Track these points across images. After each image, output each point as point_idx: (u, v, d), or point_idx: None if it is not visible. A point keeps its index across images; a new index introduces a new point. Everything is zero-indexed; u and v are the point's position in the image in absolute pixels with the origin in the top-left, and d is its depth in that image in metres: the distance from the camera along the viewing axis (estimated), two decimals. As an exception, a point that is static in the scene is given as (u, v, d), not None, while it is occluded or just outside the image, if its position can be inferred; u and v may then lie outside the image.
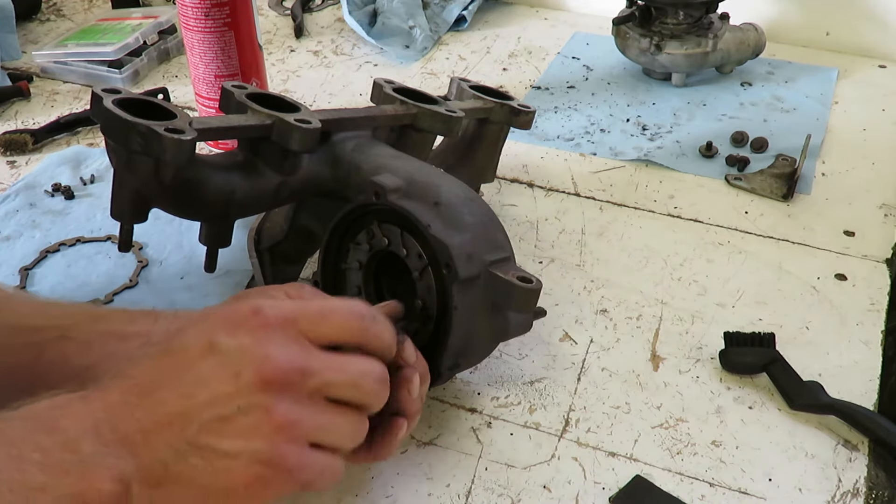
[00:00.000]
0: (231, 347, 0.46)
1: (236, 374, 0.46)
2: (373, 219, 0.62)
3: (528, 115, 0.84)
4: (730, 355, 0.69)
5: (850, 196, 0.90)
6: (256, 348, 0.46)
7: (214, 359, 0.46)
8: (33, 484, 0.42)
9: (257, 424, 0.45)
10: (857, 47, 1.18)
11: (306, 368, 0.47)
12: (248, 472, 0.46)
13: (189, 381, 0.46)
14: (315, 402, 0.48)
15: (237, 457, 0.45)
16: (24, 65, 1.16)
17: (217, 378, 0.46)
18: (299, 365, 0.47)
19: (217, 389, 0.46)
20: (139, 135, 0.56)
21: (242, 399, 0.45)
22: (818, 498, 0.60)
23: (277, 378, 0.46)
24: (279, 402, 0.46)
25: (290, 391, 0.46)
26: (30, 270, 0.80)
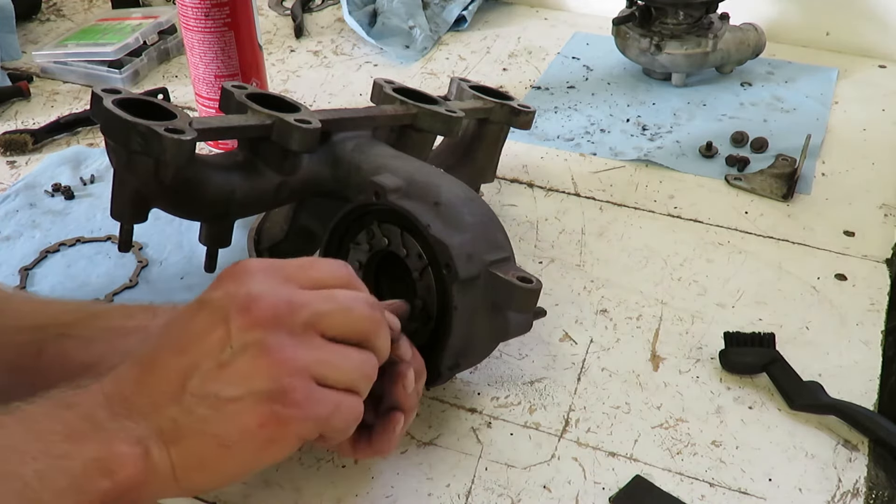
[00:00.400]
0: (218, 296, 0.47)
1: (225, 317, 0.46)
2: (373, 219, 0.62)
3: (528, 115, 0.84)
4: (730, 355, 0.69)
5: (850, 196, 0.90)
6: (241, 290, 0.47)
7: (204, 311, 0.47)
8: (58, 452, 0.43)
9: (255, 363, 0.45)
10: (857, 47, 1.18)
11: (293, 301, 0.47)
12: (257, 412, 0.45)
13: (184, 337, 0.47)
14: (310, 336, 0.47)
15: (242, 399, 0.45)
16: (24, 65, 1.16)
17: (208, 326, 0.46)
18: (286, 298, 0.47)
19: (210, 337, 0.46)
20: (139, 135, 0.56)
21: (235, 340, 0.46)
22: (818, 498, 0.60)
23: (265, 314, 0.46)
24: (272, 336, 0.46)
25: (281, 326, 0.46)
26: (30, 270, 0.80)
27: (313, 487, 0.60)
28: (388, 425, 0.55)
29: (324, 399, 0.47)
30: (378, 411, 0.56)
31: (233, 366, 0.46)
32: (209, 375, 0.46)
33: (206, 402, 0.46)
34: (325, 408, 0.47)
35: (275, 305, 0.46)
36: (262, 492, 0.59)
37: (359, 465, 0.61)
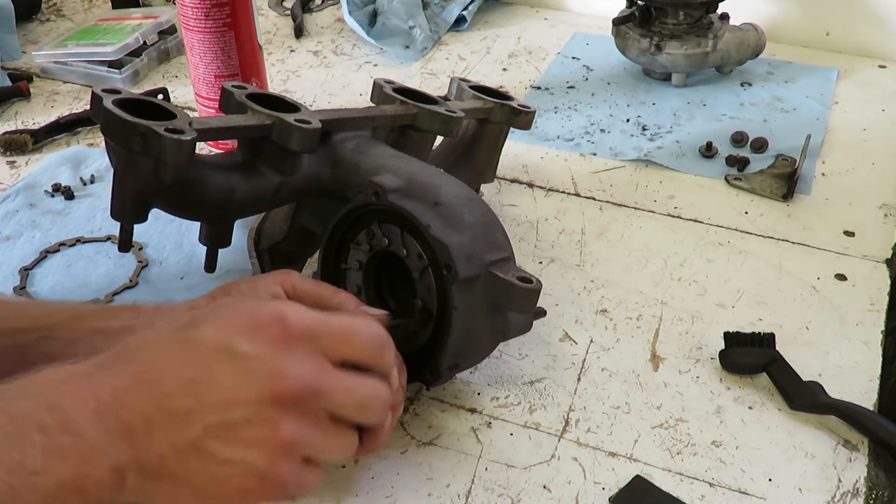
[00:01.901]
0: (249, 354, 0.46)
1: (250, 383, 0.46)
2: (373, 219, 0.62)
3: (528, 115, 0.84)
4: (730, 355, 0.69)
5: (850, 196, 0.90)
6: (274, 362, 0.46)
7: (230, 363, 0.46)
8: (33, 467, 0.42)
9: (262, 438, 0.46)
10: (857, 47, 1.18)
11: (320, 389, 0.47)
12: (243, 482, 0.46)
13: (200, 381, 0.46)
14: (319, 420, 0.48)
15: (235, 465, 0.46)
16: (24, 65, 1.16)
17: (230, 383, 0.46)
18: (313, 385, 0.47)
19: (228, 395, 0.45)
20: (139, 135, 0.56)
21: (251, 409, 0.45)
22: (818, 498, 0.60)
23: (290, 395, 0.46)
24: (286, 419, 0.46)
25: (298, 409, 0.47)
26: (30, 270, 0.80)
27: (313, 487, 0.60)
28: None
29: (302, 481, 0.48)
30: None
31: (240, 432, 0.46)
32: (214, 431, 0.45)
33: (199, 454, 0.45)
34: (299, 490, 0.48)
35: (301, 391, 0.46)
36: (262, 492, 0.59)
37: (359, 464, 0.61)
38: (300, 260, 0.75)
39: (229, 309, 0.49)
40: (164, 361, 0.47)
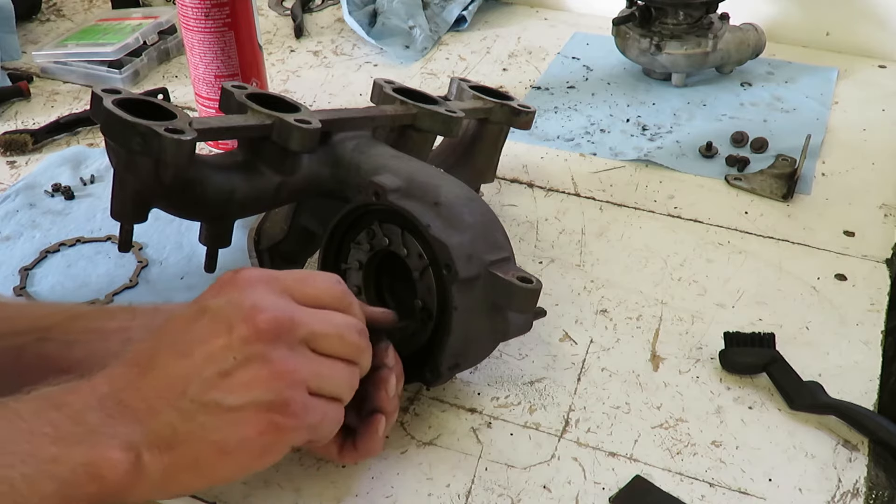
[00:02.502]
0: (220, 304, 0.48)
1: (228, 326, 0.47)
2: (373, 218, 0.62)
3: (528, 115, 0.84)
4: (730, 355, 0.69)
5: (850, 196, 0.90)
6: (244, 300, 0.48)
7: (205, 317, 0.48)
8: (46, 456, 0.43)
9: (257, 374, 0.47)
10: (857, 47, 1.18)
11: (294, 318, 0.49)
12: (258, 421, 0.47)
13: (185, 342, 0.47)
14: (304, 350, 0.49)
15: (244, 408, 0.47)
16: (24, 65, 1.16)
17: (211, 334, 0.47)
18: (288, 315, 0.48)
19: (212, 345, 0.47)
20: (139, 135, 0.56)
21: (238, 351, 0.47)
22: (818, 498, 0.60)
23: (269, 327, 0.47)
24: (274, 350, 0.47)
25: (282, 340, 0.48)
26: (30, 270, 0.80)
27: (313, 487, 0.60)
28: (370, 427, 0.57)
29: (316, 408, 0.49)
30: (361, 414, 0.57)
31: (235, 375, 0.47)
32: (211, 383, 0.46)
33: (206, 409, 0.46)
34: (316, 416, 0.49)
35: (278, 319, 0.48)
36: (261, 491, 0.59)
37: (359, 464, 0.61)
38: (300, 260, 0.75)
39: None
40: (150, 345, 0.49)
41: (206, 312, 0.48)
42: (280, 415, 0.47)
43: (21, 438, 0.43)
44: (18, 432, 0.43)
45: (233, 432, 0.47)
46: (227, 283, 0.50)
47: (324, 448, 0.57)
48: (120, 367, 0.48)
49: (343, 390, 0.52)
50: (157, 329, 0.50)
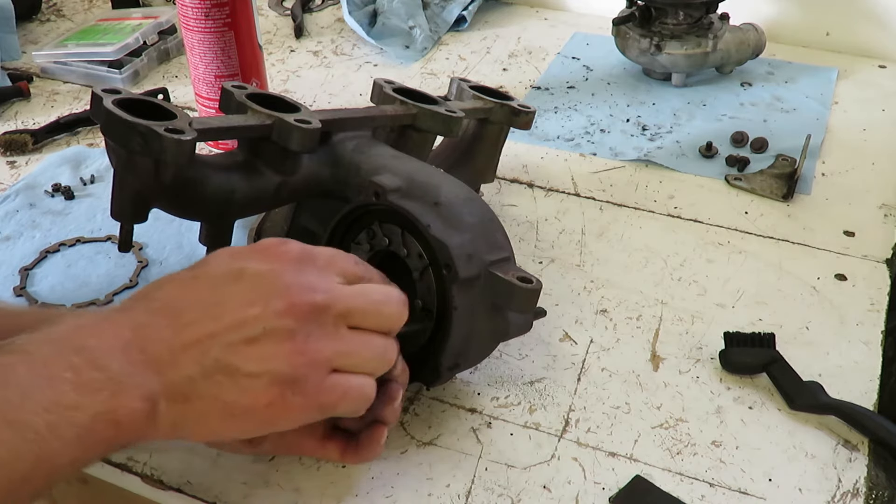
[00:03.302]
0: (259, 272, 0.49)
1: (265, 298, 0.48)
2: (373, 219, 0.62)
3: (528, 115, 0.84)
4: (730, 355, 0.69)
5: (850, 196, 0.90)
6: (284, 275, 0.49)
7: (243, 283, 0.49)
8: (67, 403, 0.43)
9: (279, 347, 0.48)
10: (857, 47, 1.18)
11: (331, 296, 0.50)
12: (268, 392, 0.48)
13: (217, 303, 0.48)
14: (337, 328, 0.50)
15: (259, 376, 0.48)
16: (24, 65, 1.16)
17: (246, 301, 0.48)
18: (324, 293, 0.49)
19: (246, 313, 0.48)
20: (139, 135, 0.56)
21: (269, 322, 0.48)
22: (818, 498, 0.60)
23: (304, 305, 0.48)
24: (303, 328, 0.48)
25: (314, 318, 0.49)
26: (30, 270, 0.80)
27: (313, 487, 0.60)
28: (372, 437, 0.57)
29: (333, 389, 0.50)
30: (364, 419, 0.57)
31: (259, 344, 0.48)
32: (235, 348, 0.47)
33: (225, 370, 0.47)
34: (330, 397, 0.50)
35: (313, 300, 0.49)
36: (262, 491, 0.59)
37: (358, 465, 0.61)
38: (300, 260, 0.75)
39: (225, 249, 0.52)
40: (179, 294, 0.49)
41: (244, 276, 0.49)
42: (291, 391, 0.48)
43: (43, 385, 0.43)
44: (40, 378, 0.44)
45: (242, 398, 0.48)
46: (270, 252, 0.50)
47: (325, 450, 0.58)
48: (146, 315, 0.48)
49: (374, 366, 0.52)
50: (188, 278, 0.50)
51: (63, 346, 0.46)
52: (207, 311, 0.48)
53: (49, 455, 0.43)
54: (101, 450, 0.46)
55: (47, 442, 0.43)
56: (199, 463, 0.61)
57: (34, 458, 0.42)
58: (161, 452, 0.62)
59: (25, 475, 0.42)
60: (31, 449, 0.42)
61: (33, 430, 0.42)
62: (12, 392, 0.43)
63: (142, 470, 0.61)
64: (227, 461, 0.61)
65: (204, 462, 0.61)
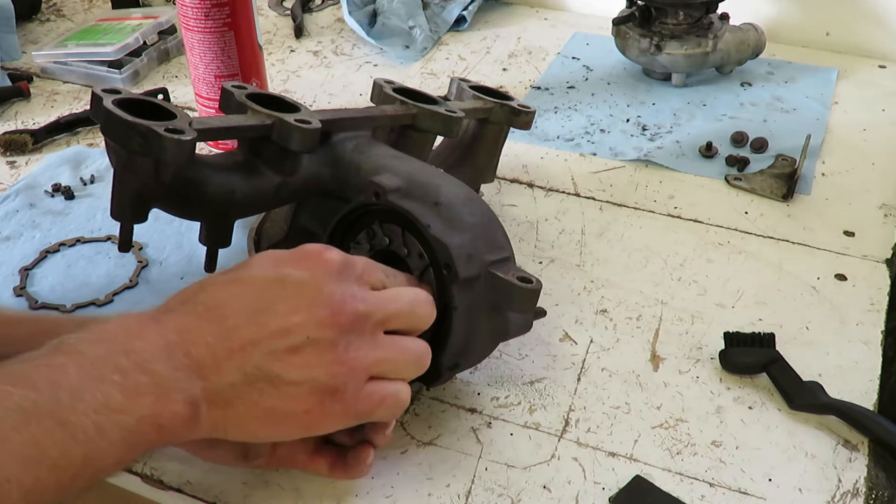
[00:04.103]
0: (301, 280, 0.50)
1: (308, 306, 0.49)
2: (373, 219, 0.62)
3: (528, 115, 0.84)
4: (730, 355, 0.69)
5: (850, 196, 0.90)
6: (327, 285, 0.50)
7: (286, 290, 0.50)
8: (115, 405, 0.45)
9: (322, 357, 0.49)
10: (857, 47, 1.18)
11: (370, 306, 0.51)
12: (308, 400, 0.50)
13: (260, 310, 0.49)
14: (375, 336, 0.51)
15: (300, 385, 0.49)
16: (24, 65, 1.16)
17: (289, 309, 0.49)
18: (364, 304, 0.51)
19: (288, 320, 0.49)
20: (139, 135, 0.56)
21: (311, 331, 0.49)
22: (818, 498, 0.60)
23: (346, 316, 0.50)
24: (344, 337, 0.50)
25: (355, 329, 0.50)
26: (30, 270, 0.80)
27: (313, 487, 0.60)
28: (359, 456, 0.58)
29: (370, 397, 0.52)
30: (355, 436, 0.58)
31: (301, 353, 0.49)
32: (278, 356, 0.49)
33: (267, 377, 0.49)
34: (368, 405, 0.52)
35: (355, 310, 0.50)
36: (261, 492, 0.59)
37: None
38: (300, 260, 0.75)
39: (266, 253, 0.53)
40: (223, 298, 0.50)
41: (287, 283, 0.50)
42: (330, 399, 0.50)
43: (93, 387, 0.45)
44: (90, 380, 0.45)
45: (283, 404, 0.49)
46: (312, 259, 0.51)
47: (314, 464, 0.59)
48: (192, 318, 0.49)
49: (410, 371, 0.54)
50: (234, 282, 0.51)
51: (112, 347, 0.47)
52: (251, 318, 0.49)
53: (96, 455, 0.44)
54: (145, 450, 0.47)
55: (95, 442, 0.44)
56: (199, 463, 0.61)
57: (83, 458, 0.44)
58: (161, 453, 0.62)
59: (75, 474, 0.44)
60: (80, 449, 0.44)
61: (83, 431, 0.44)
62: (64, 393, 0.44)
63: (142, 470, 0.61)
64: (227, 461, 0.61)
65: (204, 462, 0.61)
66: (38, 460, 0.43)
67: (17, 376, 0.45)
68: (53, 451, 0.43)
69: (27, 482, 0.42)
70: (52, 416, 0.43)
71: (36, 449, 0.43)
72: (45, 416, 0.43)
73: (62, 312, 0.75)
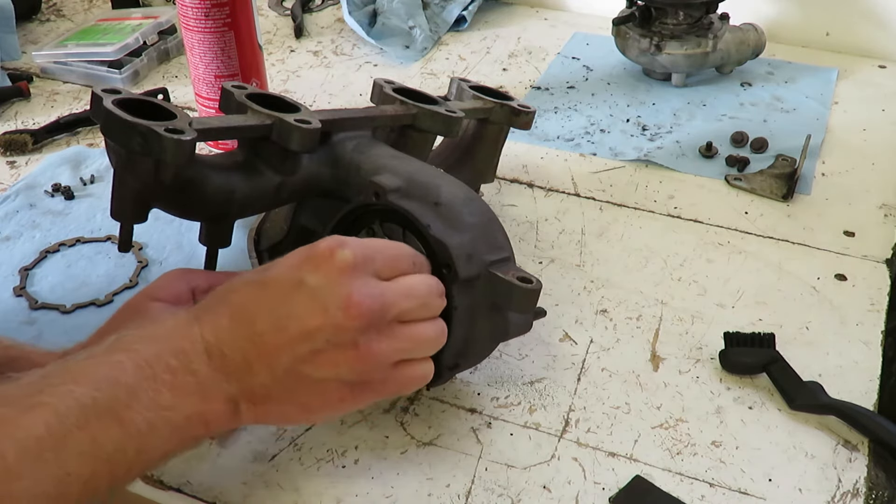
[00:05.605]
0: (319, 284, 0.51)
1: (324, 309, 0.51)
2: (373, 218, 0.62)
3: (528, 115, 0.84)
4: (730, 355, 0.69)
5: (850, 196, 0.90)
6: (342, 287, 0.51)
7: (303, 293, 0.51)
8: (165, 403, 0.49)
9: (345, 356, 0.51)
10: (857, 47, 1.18)
11: (386, 302, 0.53)
12: (339, 391, 0.53)
13: (282, 315, 0.51)
14: (392, 328, 0.53)
15: (329, 381, 0.52)
16: (24, 65, 1.16)
17: (307, 313, 0.51)
18: (380, 301, 0.52)
19: (308, 324, 0.51)
20: (139, 135, 0.55)
21: (331, 334, 0.51)
22: (818, 498, 0.60)
23: (362, 316, 0.51)
24: (362, 335, 0.51)
25: (372, 326, 0.52)
26: (30, 271, 0.80)
27: (313, 487, 0.60)
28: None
29: (395, 380, 0.54)
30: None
31: (325, 354, 0.51)
32: (303, 358, 0.51)
33: (296, 377, 0.51)
34: (395, 387, 0.55)
35: (371, 308, 0.52)
36: (262, 492, 0.60)
37: (359, 465, 0.61)
38: (300, 260, 0.75)
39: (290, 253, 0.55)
40: (251, 300, 0.53)
41: (304, 288, 0.51)
42: (360, 389, 0.53)
43: (146, 385, 0.48)
44: (144, 378, 0.48)
45: (316, 398, 0.53)
46: (326, 262, 0.52)
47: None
48: (224, 320, 0.52)
49: (429, 350, 0.56)
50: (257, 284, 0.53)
51: (163, 347, 0.50)
52: (275, 322, 0.51)
53: (147, 449, 0.48)
54: (191, 444, 0.52)
55: (146, 438, 0.48)
56: (199, 463, 0.61)
57: (135, 452, 0.48)
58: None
59: (129, 467, 0.48)
60: (133, 444, 0.48)
61: (136, 427, 0.47)
62: (122, 391, 0.48)
63: (142, 470, 0.61)
64: (226, 461, 0.61)
65: (204, 462, 0.61)
66: (96, 454, 0.46)
67: (80, 374, 0.48)
68: (109, 447, 0.47)
69: (85, 474, 0.46)
70: (110, 414, 0.47)
71: (94, 444, 0.46)
72: (104, 414, 0.47)
73: (62, 312, 0.75)
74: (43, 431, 0.45)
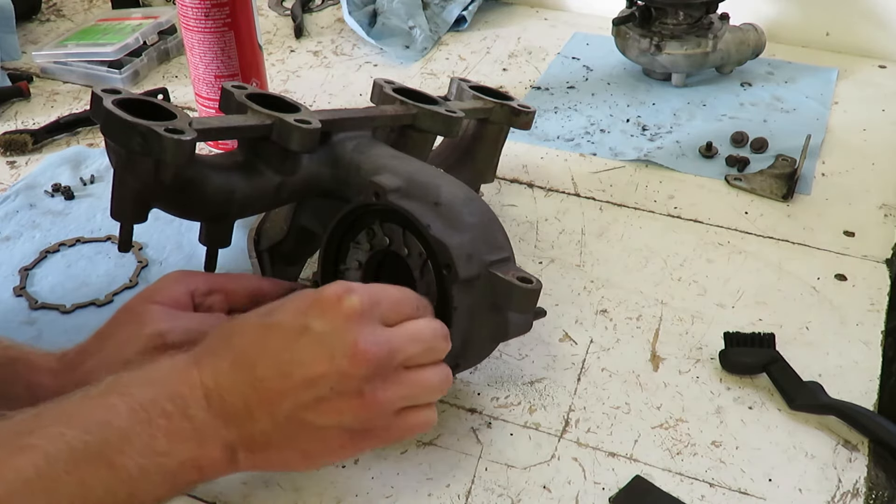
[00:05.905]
0: (324, 330, 0.51)
1: (330, 357, 0.50)
2: (374, 218, 0.62)
3: (528, 115, 0.84)
4: (730, 355, 0.69)
5: (850, 196, 0.90)
6: (347, 335, 0.51)
7: (309, 339, 0.51)
8: (159, 449, 0.48)
9: (348, 404, 0.51)
10: (857, 47, 1.18)
11: (392, 349, 0.52)
12: (340, 438, 0.52)
13: (286, 361, 0.51)
14: (398, 374, 0.53)
15: (331, 428, 0.52)
16: (24, 65, 1.16)
17: (312, 360, 0.50)
18: (385, 349, 0.52)
19: (312, 370, 0.50)
20: (139, 135, 0.55)
21: (335, 382, 0.50)
22: (818, 498, 0.60)
23: (367, 366, 0.51)
24: (368, 383, 0.51)
25: (377, 373, 0.51)
26: (30, 270, 0.80)
27: (313, 487, 0.60)
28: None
29: (399, 427, 0.54)
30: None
31: (330, 402, 0.50)
32: (307, 405, 0.50)
33: (298, 424, 0.51)
34: (399, 433, 0.54)
35: (377, 356, 0.51)
36: (262, 492, 0.59)
37: (359, 465, 0.61)
38: (300, 260, 0.75)
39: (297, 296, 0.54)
40: (254, 345, 0.52)
41: (309, 333, 0.51)
42: (362, 437, 0.53)
43: (140, 430, 0.48)
44: (138, 422, 0.48)
45: (317, 445, 0.52)
46: (333, 308, 0.51)
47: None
48: (225, 364, 0.51)
49: (433, 396, 0.56)
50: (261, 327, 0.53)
51: (160, 392, 0.49)
52: (278, 368, 0.51)
53: (138, 494, 0.48)
54: (183, 489, 0.51)
55: (137, 483, 0.47)
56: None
57: (126, 497, 0.47)
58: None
59: None
60: (123, 489, 0.47)
61: (127, 472, 0.47)
62: (114, 434, 0.47)
63: (142, 470, 0.61)
64: (227, 461, 0.61)
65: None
66: (86, 498, 0.46)
67: (73, 416, 0.48)
68: (99, 491, 0.46)
69: None
70: (101, 458, 0.46)
71: (83, 488, 0.46)
72: (94, 458, 0.46)
73: (62, 312, 0.75)
74: (32, 474, 0.44)
